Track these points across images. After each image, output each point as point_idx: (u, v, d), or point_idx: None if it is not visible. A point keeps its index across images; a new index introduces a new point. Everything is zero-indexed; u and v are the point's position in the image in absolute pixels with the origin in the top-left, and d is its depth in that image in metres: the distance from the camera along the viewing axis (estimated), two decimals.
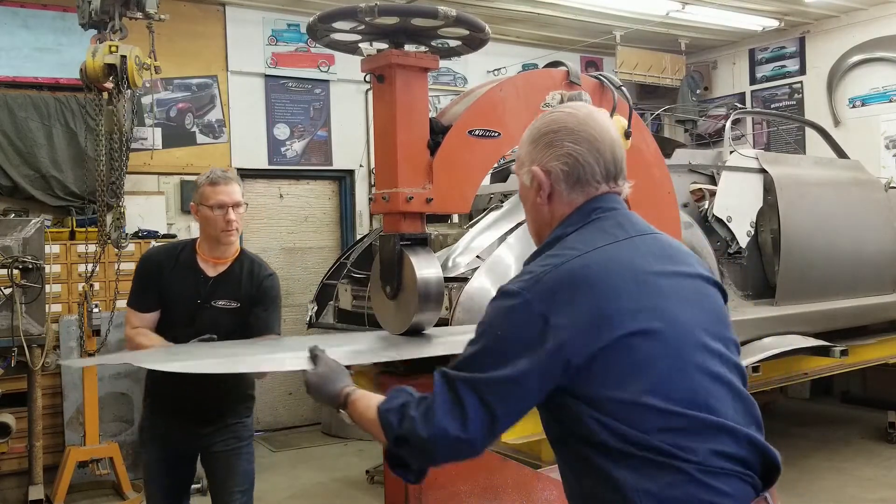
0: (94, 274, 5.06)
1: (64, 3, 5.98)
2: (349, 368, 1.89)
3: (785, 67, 8.79)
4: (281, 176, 7.50)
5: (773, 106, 8.80)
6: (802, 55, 8.63)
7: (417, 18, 2.41)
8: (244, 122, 7.16)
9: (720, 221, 5.02)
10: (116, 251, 4.81)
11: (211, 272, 3.01)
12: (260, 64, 7.24)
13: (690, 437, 1.41)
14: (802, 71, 8.62)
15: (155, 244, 6.08)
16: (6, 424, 5.15)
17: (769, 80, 8.94)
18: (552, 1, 7.27)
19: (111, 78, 4.36)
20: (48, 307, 5.28)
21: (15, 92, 6.10)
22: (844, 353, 5.08)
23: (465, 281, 3.72)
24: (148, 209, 6.56)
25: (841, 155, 6.39)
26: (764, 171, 5.29)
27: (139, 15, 4.42)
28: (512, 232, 3.88)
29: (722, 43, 9.14)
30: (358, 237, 7.01)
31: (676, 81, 8.91)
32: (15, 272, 5.00)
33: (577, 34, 8.39)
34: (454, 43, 2.65)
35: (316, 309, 5.41)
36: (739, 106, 8.21)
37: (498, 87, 2.70)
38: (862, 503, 5.12)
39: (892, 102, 7.90)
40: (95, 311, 5.10)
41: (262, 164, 7.27)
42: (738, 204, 5.12)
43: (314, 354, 1.89)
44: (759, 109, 8.68)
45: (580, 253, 1.50)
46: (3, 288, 5.02)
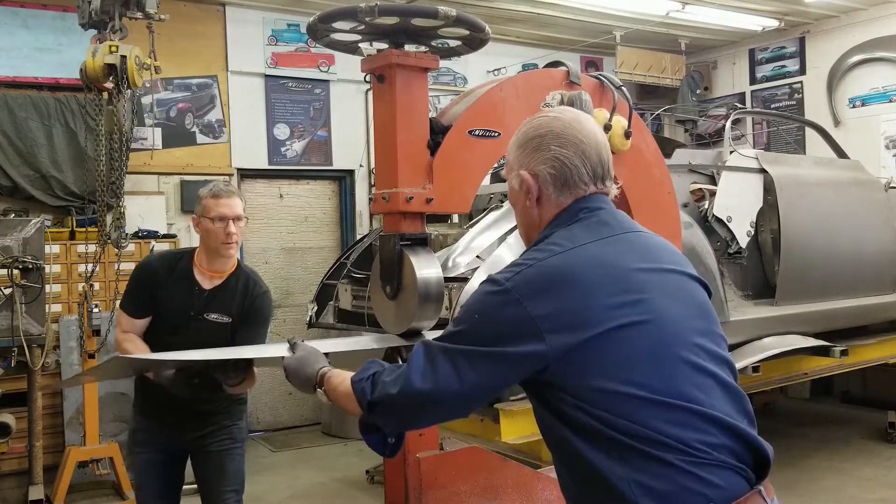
0: (94, 274, 5.07)
1: (64, 3, 5.98)
2: (327, 356, 1.96)
3: (785, 67, 8.79)
4: (281, 176, 7.50)
5: (773, 106, 8.80)
6: (802, 55, 8.63)
7: (417, 18, 2.41)
8: (244, 122, 7.16)
9: (720, 221, 5.02)
10: (116, 251, 4.82)
11: (207, 284, 3.01)
12: (260, 64, 7.24)
13: (677, 427, 1.42)
14: (802, 71, 8.62)
15: (154, 245, 6.10)
16: (6, 424, 5.15)
17: (769, 80, 8.94)
18: (552, 1, 7.28)
19: (111, 78, 4.37)
20: (48, 307, 5.28)
21: (15, 92, 6.10)
22: (844, 353, 5.10)
23: (465, 281, 3.73)
24: (148, 209, 6.55)
25: (841, 155, 6.39)
26: (764, 171, 5.29)
27: (139, 15, 4.43)
28: (512, 232, 3.88)
29: (722, 43, 9.14)
30: (358, 237, 7.01)
31: (676, 81, 8.91)
32: (15, 272, 5.00)
33: (577, 34, 8.39)
34: (454, 43, 2.66)
35: (316, 309, 5.41)
36: (739, 106, 8.21)
37: (498, 87, 2.71)
38: (862, 503, 5.12)
39: (892, 102, 7.91)
40: (95, 311, 5.10)
41: (262, 164, 7.28)
42: (738, 204, 5.11)
43: (293, 343, 2.02)
44: (759, 109, 8.68)
45: (564, 249, 1.53)
46: (3, 288, 5.02)
